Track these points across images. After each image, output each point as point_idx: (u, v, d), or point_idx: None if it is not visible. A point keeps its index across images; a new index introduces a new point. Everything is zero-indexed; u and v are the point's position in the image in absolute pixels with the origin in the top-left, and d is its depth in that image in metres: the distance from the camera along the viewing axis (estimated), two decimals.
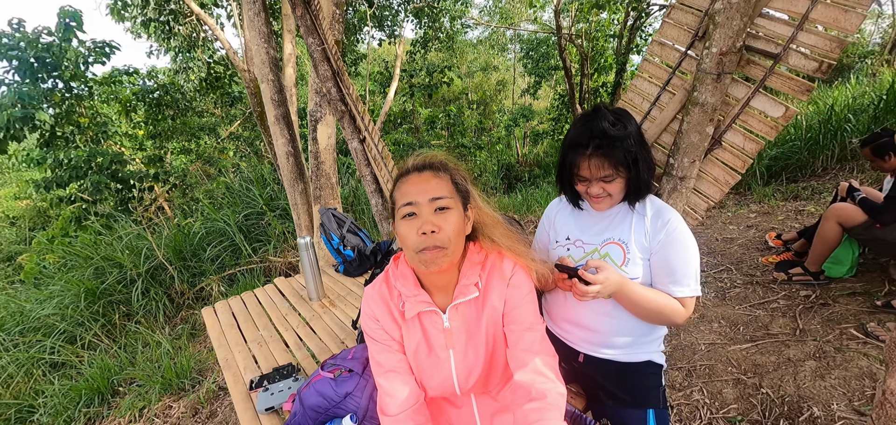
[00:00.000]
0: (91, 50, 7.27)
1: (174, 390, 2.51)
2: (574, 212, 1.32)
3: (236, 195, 6.09)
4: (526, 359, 0.99)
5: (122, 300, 3.99)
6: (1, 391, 2.81)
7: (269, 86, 3.48)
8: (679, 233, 1.13)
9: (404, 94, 12.62)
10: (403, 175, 1.01)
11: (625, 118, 1.13)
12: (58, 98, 7.04)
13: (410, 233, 0.95)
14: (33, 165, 7.06)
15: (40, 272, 5.03)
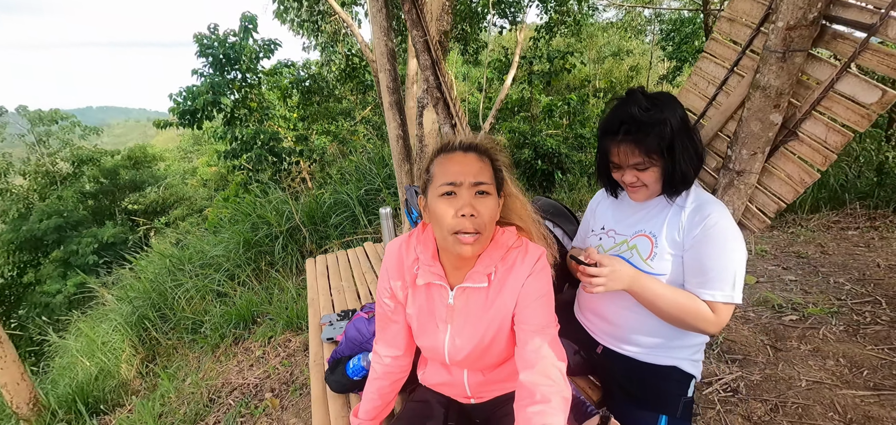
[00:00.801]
0: (261, 47, 8.83)
1: (294, 328, 3.06)
2: (614, 202, 1.29)
3: (360, 172, 6.84)
4: (533, 361, 0.96)
5: (267, 251, 4.89)
6: (185, 306, 3.74)
7: (386, 75, 3.85)
8: (718, 230, 1.03)
9: (523, 82, 12.51)
10: (447, 150, 1.00)
11: (662, 103, 1.05)
12: (237, 86, 8.72)
13: (447, 212, 0.94)
14: (218, 139, 8.91)
15: (218, 223, 6.37)
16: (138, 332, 3.74)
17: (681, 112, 1.07)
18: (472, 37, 10.67)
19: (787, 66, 1.07)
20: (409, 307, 1.10)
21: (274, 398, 2.25)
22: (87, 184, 15.26)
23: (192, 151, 19.74)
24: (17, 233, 12.63)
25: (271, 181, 7.99)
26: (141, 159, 17.19)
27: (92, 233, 12.69)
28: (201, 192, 14.57)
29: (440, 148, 1.03)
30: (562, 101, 11.85)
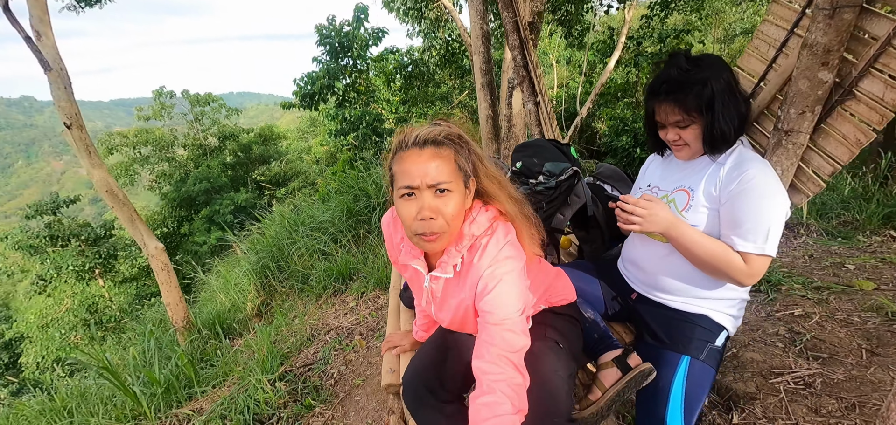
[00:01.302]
0: (371, 35, 9.54)
1: (382, 286, 3.40)
2: (662, 162, 1.34)
3: None
4: (481, 351, 0.94)
5: (365, 219, 5.41)
6: (296, 261, 4.36)
7: (479, 57, 3.98)
8: (755, 184, 1.06)
9: (628, 65, 11.65)
10: (402, 148, 0.95)
11: (704, 64, 1.11)
12: (348, 71, 9.56)
13: (408, 213, 0.93)
14: (330, 120, 9.90)
15: (326, 193, 7.15)
16: (260, 278, 4.45)
17: (726, 75, 1.11)
18: (576, 18, 10.21)
19: (834, 22, 1.00)
20: (404, 275, 1.21)
21: (361, 339, 2.57)
22: (228, 156, 18.12)
23: (308, 131, 22.08)
24: (177, 193, 15.58)
25: (373, 158, 8.71)
26: (269, 137, 19.80)
27: (230, 197, 15.14)
28: (314, 168, 16.32)
29: (397, 145, 0.97)
30: None
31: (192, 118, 18.61)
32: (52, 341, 10.50)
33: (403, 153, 0.94)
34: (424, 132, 0.94)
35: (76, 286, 11.41)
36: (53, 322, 10.81)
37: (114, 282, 12.46)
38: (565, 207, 1.59)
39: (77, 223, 12.16)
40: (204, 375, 2.59)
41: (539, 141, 1.78)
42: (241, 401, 2.02)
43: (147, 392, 2.35)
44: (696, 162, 1.22)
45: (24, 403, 3.38)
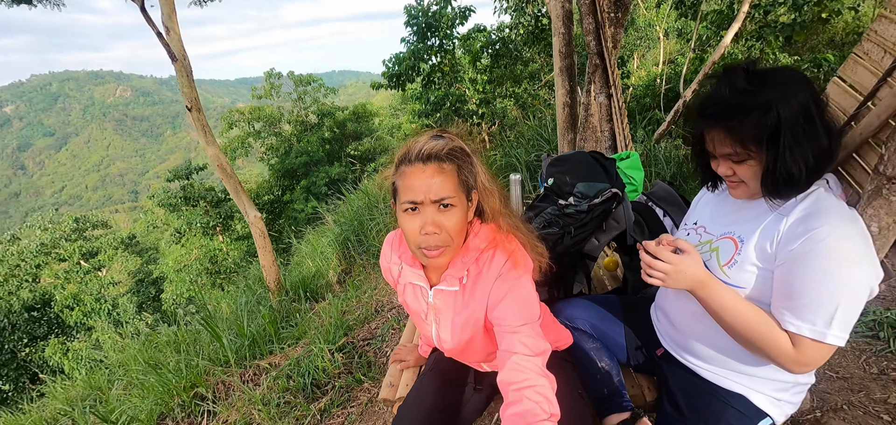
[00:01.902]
0: (457, 14, 9.52)
1: None
2: (716, 197, 1.10)
3: (534, 137, 6.88)
4: (504, 360, 0.94)
5: None
6: (375, 236, 4.63)
7: (559, 38, 3.77)
8: (826, 246, 0.81)
9: (751, 38, 10.09)
10: (406, 162, 0.94)
11: (770, 82, 0.85)
12: (434, 51, 9.69)
13: (412, 228, 0.93)
14: (415, 100, 10.18)
15: None
16: (342, 249, 4.82)
17: (803, 97, 0.84)
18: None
19: None
20: (401, 299, 1.18)
21: None
22: (325, 132, 19.67)
23: (399, 109, 23.01)
24: (282, 165, 17.41)
25: None
26: (362, 114, 21.02)
27: (325, 170, 16.53)
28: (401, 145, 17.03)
29: (400, 158, 0.97)
30: (809, 63, 9.18)
31: (296, 97, 20.43)
32: (183, 283, 12.65)
33: (407, 167, 0.93)
34: (428, 147, 0.93)
35: (202, 240, 13.51)
36: (185, 267, 12.99)
37: (230, 238, 14.45)
38: (601, 233, 1.45)
39: (204, 187, 14.27)
40: (284, 334, 2.91)
41: (578, 155, 1.61)
42: (304, 365, 2.24)
43: (235, 342, 2.72)
44: (755, 203, 0.98)
45: (155, 333, 4.13)
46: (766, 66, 0.90)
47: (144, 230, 18.20)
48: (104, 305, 13.66)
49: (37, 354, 12.17)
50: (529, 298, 0.99)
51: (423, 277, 1.07)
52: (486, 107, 10.30)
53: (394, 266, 1.14)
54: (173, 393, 2.41)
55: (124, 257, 16.40)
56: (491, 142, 9.86)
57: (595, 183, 1.46)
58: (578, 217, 1.44)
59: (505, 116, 10.79)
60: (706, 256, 1.02)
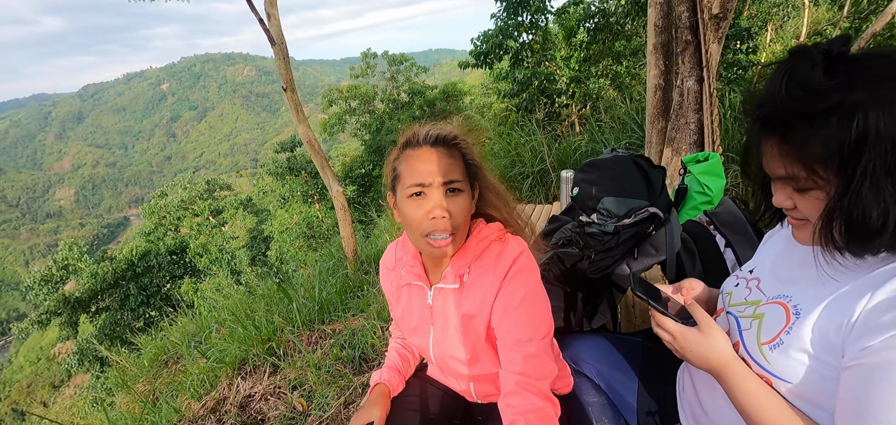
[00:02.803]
0: None
1: None
2: (787, 237, 0.79)
3: (625, 124, 6.32)
4: (504, 379, 0.87)
5: (517, 186, 5.37)
6: None
7: (655, 10, 3.35)
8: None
9: None
10: (412, 145, 0.90)
11: (862, 74, 0.55)
12: (524, 28, 9.31)
13: (417, 213, 0.87)
14: (501, 80, 9.93)
15: (489, 153, 7.31)
16: None
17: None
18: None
19: None
20: (395, 310, 1.09)
21: None
22: (416, 110, 20.24)
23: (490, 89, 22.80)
24: (373, 140, 18.39)
25: (544, 121, 8.42)
26: (451, 93, 21.19)
27: None
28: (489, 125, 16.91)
29: (404, 142, 0.92)
30: None
31: (389, 76, 21.27)
32: (285, 243, 14.25)
33: (413, 151, 0.89)
34: (436, 130, 0.90)
35: (302, 206, 14.99)
36: (287, 229, 14.56)
37: (326, 207, 15.75)
38: (633, 260, 1.18)
39: (306, 159, 15.68)
40: (350, 303, 3.08)
41: (615, 161, 1.31)
42: (358, 338, 2.35)
43: (307, 306, 2.95)
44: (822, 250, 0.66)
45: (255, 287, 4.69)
46: (863, 51, 0.60)
47: (258, 194, 20.70)
48: (225, 255, 15.96)
49: (175, 290, 14.69)
50: (539, 310, 0.90)
51: (422, 276, 1.00)
52: (578, 86, 9.66)
53: (395, 270, 1.07)
54: (253, 343, 2.70)
55: (243, 216, 18.93)
56: (580, 126, 9.27)
57: (629, 198, 1.20)
58: (602, 239, 1.20)
59: (598, 98, 10.03)
60: (747, 323, 0.74)
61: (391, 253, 1.10)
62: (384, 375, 1.12)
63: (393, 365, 1.14)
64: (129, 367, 4.17)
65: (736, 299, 0.81)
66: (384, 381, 1.10)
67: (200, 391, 2.51)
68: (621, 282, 1.35)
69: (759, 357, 0.69)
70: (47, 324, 13.34)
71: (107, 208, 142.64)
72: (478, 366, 0.99)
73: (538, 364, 0.86)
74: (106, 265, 14.30)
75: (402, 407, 1.08)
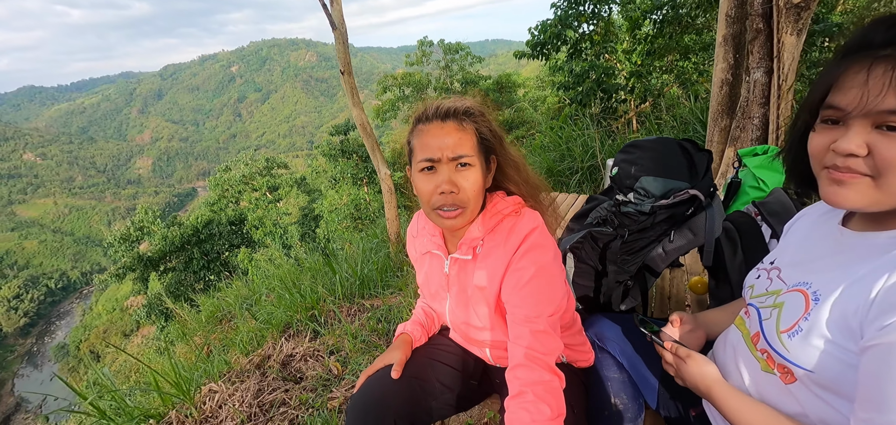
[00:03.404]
0: None
1: None
2: (812, 224, 0.78)
3: (687, 122, 5.95)
4: (513, 353, 0.88)
5: (564, 182, 5.22)
6: None
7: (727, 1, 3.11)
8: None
9: None
10: (423, 120, 0.91)
11: None
12: (585, 18, 8.97)
13: (427, 188, 0.89)
14: (557, 72, 9.64)
15: (539, 146, 7.16)
16: None
17: None
18: None
19: None
20: (419, 276, 1.13)
21: None
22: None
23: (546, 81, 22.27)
24: None
25: (599, 117, 8.10)
26: (505, 85, 20.89)
27: None
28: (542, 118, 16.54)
29: (417, 116, 0.93)
30: None
31: (444, 65, 21.31)
32: (333, 222, 14.81)
33: (424, 126, 0.91)
34: (447, 104, 0.91)
35: (352, 188, 15.47)
36: (336, 209, 15.11)
37: (374, 190, 16.17)
38: (669, 243, 1.13)
39: (358, 143, 16.13)
40: (389, 281, 3.16)
41: (659, 142, 1.26)
42: (394, 314, 2.40)
43: (349, 280, 3.05)
44: (866, 239, 0.63)
45: (303, 259, 4.93)
46: None
47: (311, 174, 21.62)
48: (278, 230, 16.85)
49: (232, 257, 15.76)
50: (549, 287, 0.89)
51: (441, 245, 1.03)
52: (638, 82, 9.17)
53: (418, 237, 1.11)
54: (298, 309, 2.84)
55: (296, 194, 19.88)
56: (638, 124, 8.82)
57: (670, 179, 1.15)
58: (637, 219, 1.16)
59: (660, 94, 9.48)
60: (766, 314, 0.73)
61: (415, 221, 1.14)
62: (408, 327, 1.17)
63: (418, 320, 1.19)
64: (189, 322, 4.54)
65: (758, 291, 0.80)
66: (408, 331, 1.15)
67: (248, 348, 2.68)
68: (655, 265, 1.30)
69: (779, 346, 0.67)
70: (123, 278, 14.79)
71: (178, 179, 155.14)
72: (492, 333, 1.01)
73: (546, 339, 0.87)
74: (175, 229, 15.61)
75: (422, 356, 1.12)
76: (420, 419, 1.03)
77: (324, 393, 2.04)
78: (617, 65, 9.53)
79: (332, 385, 2.08)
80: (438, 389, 1.08)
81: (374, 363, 1.07)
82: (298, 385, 2.14)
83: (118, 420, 2.02)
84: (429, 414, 1.06)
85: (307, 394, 2.04)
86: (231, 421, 1.93)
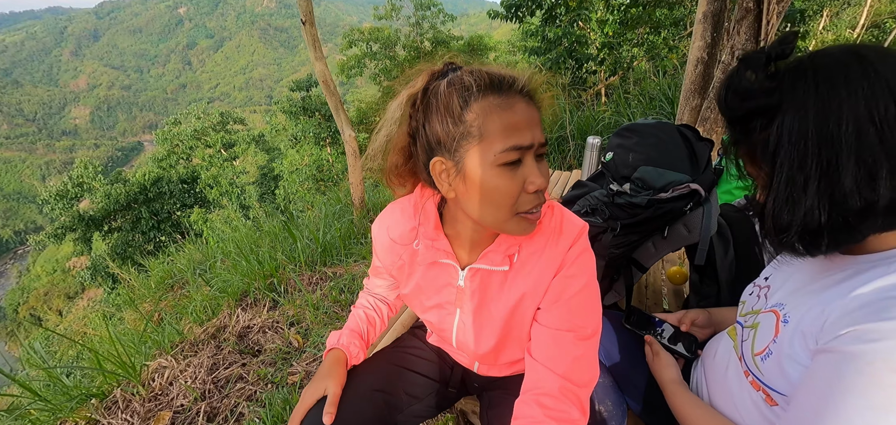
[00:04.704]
0: None
1: None
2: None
3: (653, 98, 6.03)
4: (543, 378, 0.73)
5: None
6: None
7: None
8: (866, 360, 0.48)
9: None
10: (503, 91, 0.65)
11: (803, 76, 0.54)
12: None
13: (512, 186, 0.65)
14: (530, 37, 9.48)
15: None
16: None
17: (835, 111, 0.51)
18: None
19: None
20: (405, 286, 0.90)
21: None
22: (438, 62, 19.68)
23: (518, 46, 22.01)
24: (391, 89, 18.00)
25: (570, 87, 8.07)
26: (476, 48, 20.45)
27: None
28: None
29: (486, 84, 0.65)
30: None
31: (414, 21, 20.49)
32: (293, 183, 14.26)
33: (504, 99, 0.64)
34: (519, 75, 0.68)
35: (314, 148, 14.87)
36: (297, 170, 14.53)
37: (337, 151, 15.65)
38: (661, 239, 1.08)
39: (321, 101, 15.43)
40: (353, 249, 3.04)
41: (660, 127, 1.18)
42: (357, 283, 2.31)
43: (310, 247, 2.91)
44: (844, 260, 0.61)
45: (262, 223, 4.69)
46: (810, 51, 0.57)
47: (270, 131, 20.60)
48: (235, 189, 16.06)
49: (184, 218, 14.94)
50: (598, 300, 0.77)
51: (451, 254, 0.81)
52: (609, 53, 9.19)
53: (406, 236, 0.85)
54: (256, 277, 2.69)
55: (254, 152, 18.91)
56: (606, 97, 8.90)
57: (669, 171, 1.07)
58: (631, 211, 1.08)
59: (630, 67, 9.56)
60: (746, 335, 0.72)
61: (397, 220, 0.87)
62: (343, 340, 0.94)
63: (355, 329, 0.98)
64: (137, 287, 4.25)
65: (746, 308, 0.78)
66: (342, 347, 0.93)
67: (202, 317, 2.52)
68: (643, 260, 1.26)
69: (755, 369, 0.66)
70: (62, 239, 13.72)
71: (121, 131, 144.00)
72: (502, 355, 0.87)
73: (586, 368, 0.73)
74: (119, 187, 14.51)
75: (388, 363, 0.97)
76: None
77: (284, 367, 1.94)
78: (590, 34, 9.48)
79: (292, 358, 1.99)
80: (405, 402, 0.93)
81: (301, 399, 0.85)
82: (256, 358, 2.03)
83: (55, 399, 1.85)
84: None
85: (266, 369, 1.93)
86: (183, 398, 1.81)
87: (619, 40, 9.78)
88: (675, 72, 7.40)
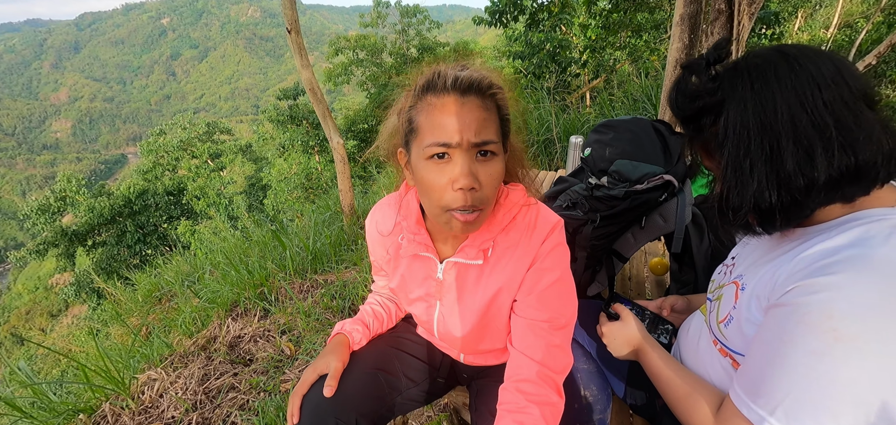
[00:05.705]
0: None
1: None
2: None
3: (637, 100, 6.14)
4: (521, 364, 0.77)
5: None
6: None
7: None
8: (805, 312, 0.55)
9: None
10: (436, 90, 0.69)
11: (743, 74, 0.63)
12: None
13: (438, 181, 0.69)
14: (514, 41, 9.60)
15: None
16: None
17: (779, 104, 0.59)
18: None
19: None
20: (392, 279, 0.94)
21: None
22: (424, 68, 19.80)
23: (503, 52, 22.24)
24: (379, 95, 17.98)
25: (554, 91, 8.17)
26: (463, 53, 20.49)
27: None
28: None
29: (426, 83, 0.71)
30: None
31: (400, 28, 20.58)
32: (282, 192, 14.17)
33: (437, 98, 0.69)
34: (467, 74, 0.69)
35: (302, 156, 14.80)
36: (285, 179, 14.46)
37: (325, 159, 15.60)
38: (639, 229, 1.14)
39: (308, 109, 15.38)
40: (343, 256, 3.05)
41: (634, 123, 1.24)
42: (349, 290, 2.33)
43: (300, 254, 2.92)
44: (797, 232, 0.68)
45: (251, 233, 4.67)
46: (742, 53, 0.67)
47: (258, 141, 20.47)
48: (223, 200, 15.89)
49: (172, 230, 14.73)
50: (572, 291, 0.81)
51: (430, 247, 0.84)
52: (592, 56, 9.34)
53: (392, 236, 0.90)
54: (245, 286, 2.68)
55: (242, 162, 18.74)
56: (590, 100, 9.04)
57: (644, 163, 1.12)
58: (609, 203, 1.13)
59: (613, 70, 9.73)
60: (712, 307, 0.80)
61: (385, 214, 0.93)
62: (347, 326, 0.99)
63: (363, 320, 1.02)
64: (124, 301, 4.19)
65: (714, 285, 0.85)
66: (346, 332, 0.97)
67: (192, 328, 2.51)
68: (624, 250, 1.31)
69: (719, 335, 0.74)
70: (45, 255, 13.42)
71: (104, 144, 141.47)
72: (483, 342, 0.91)
73: (560, 355, 0.78)
74: (103, 200, 14.25)
75: (387, 346, 1.00)
76: (382, 417, 0.92)
77: (276, 375, 1.95)
78: (572, 38, 9.63)
79: (284, 366, 1.99)
80: (404, 384, 0.97)
81: (303, 376, 0.89)
82: (248, 368, 2.03)
83: (41, 416, 1.83)
84: (391, 410, 0.95)
85: (258, 377, 1.94)
86: (174, 410, 1.80)
87: (601, 44, 9.95)
88: (658, 73, 7.55)
